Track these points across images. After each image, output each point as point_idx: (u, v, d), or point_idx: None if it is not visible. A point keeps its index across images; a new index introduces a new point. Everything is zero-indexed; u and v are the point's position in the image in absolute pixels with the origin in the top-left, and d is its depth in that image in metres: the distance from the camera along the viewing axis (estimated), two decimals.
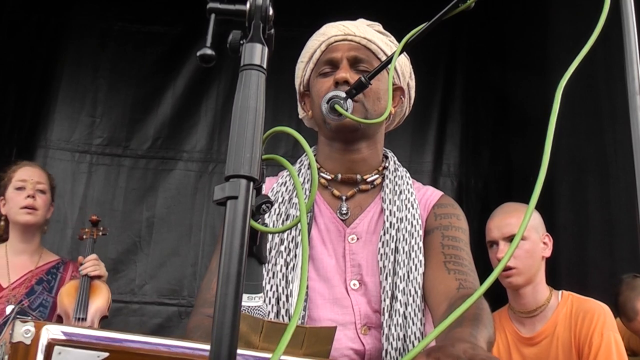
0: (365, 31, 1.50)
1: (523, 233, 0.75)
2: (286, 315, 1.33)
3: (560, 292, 2.33)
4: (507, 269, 2.25)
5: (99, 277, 2.57)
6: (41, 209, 2.58)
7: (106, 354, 0.66)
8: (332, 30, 1.51)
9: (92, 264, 2.56)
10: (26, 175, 2.60)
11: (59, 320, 2.47)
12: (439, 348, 0.90)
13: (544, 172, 0.79)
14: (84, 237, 2.79)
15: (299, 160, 1.56)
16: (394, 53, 1.34)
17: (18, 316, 0.67)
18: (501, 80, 3.85)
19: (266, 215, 1.40)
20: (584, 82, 2.77)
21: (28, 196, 2.54)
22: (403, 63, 1.54)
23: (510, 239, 2.29)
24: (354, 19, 1.56)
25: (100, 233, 2.85)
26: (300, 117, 1.64)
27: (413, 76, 1.60)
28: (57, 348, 0.64)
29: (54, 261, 2.65)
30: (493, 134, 3.92)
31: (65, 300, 2.47)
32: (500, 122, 3.89)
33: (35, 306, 2.47)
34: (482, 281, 0.99)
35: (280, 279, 1.35)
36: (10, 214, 2.56)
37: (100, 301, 2.50)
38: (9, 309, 2.36)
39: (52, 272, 2.60)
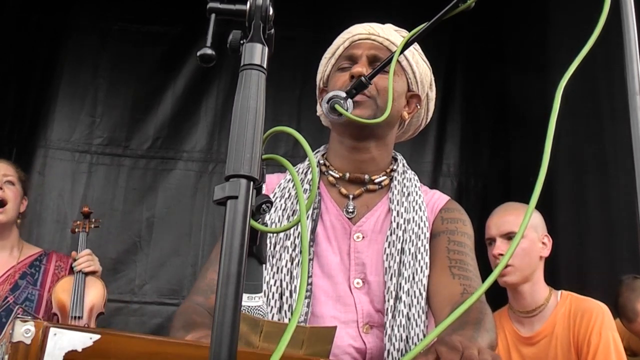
0: (390, 33, 1.50)
1: (523, 232, 0.75)
2: (289, 311, 1.33)
3: (559, 292, 2.33)
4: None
5: (93, 272, 2.52)
6: (11, 201, 2.51)
7: (98, 336, 0.70)
8: (357, 29, 1.53)
9: (86, 260, 2.52)
10: None
11: (54, 316, 2.44)
12: (437, 341, 0.91)
13: (544, 172, 0.79)
14: (76, 230, 2.74)
15: (308, 158, 1.56)
16: (394, 53, 1.34)
17: (18, 316, 0.68)
18: (501, 80, 3.85)
19: (272, 210, 1.41)
20: (584, 82, 2.77)
21: None
22: (423, 72, 1.54)
23: (507, 236, 2.30)
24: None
25: (93, 225, 2.78)
26: (317, 114, 1.63)
27: (434, 88, 1.60)
28: (52, 329, 0.68)
29: (36, 254, 2.60)
30: (493, 134, 3.92)
31: (60, 297, 2.43)
32: (500, 122, 3.88)
33: (20, 301, 2.42)
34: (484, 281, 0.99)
35: (284, 274, 1.35)
36: None
37: (95, 298, 2.47)
38: None
39: (35, 265, 2.56)
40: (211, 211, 3.67)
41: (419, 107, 1.56)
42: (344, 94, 1.37)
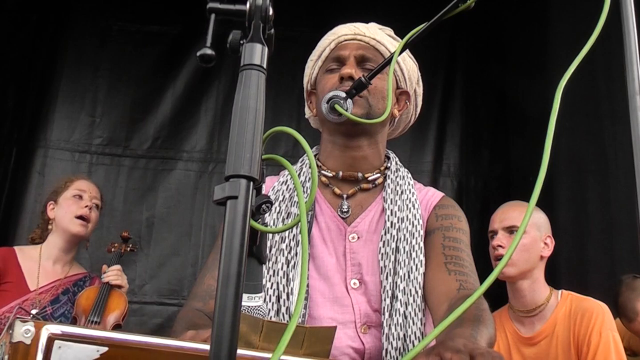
0: (375, 33, 1.50)
1: (524, 228, 0.75)
2: (286, 313, 1.33)
3: (560, 291, 2.33)
4: (500, 258, 2.28)
5: (119, 286, 2.59)
6: (92, 223, 2.62)
7: (105, 348, 0.66)
8: (343, 30, 1.52)
9: (114, 273, 2.59)
10: (85, 186, 2.65)
11: (74, 321, 2.49)
12: (439, 344, 0.91)
13: (544, 172, 0.79)
14: (112, 250, 2.83)
15: (300, 159, 1.56)
16: (394, 53, 1.34)
17: (18, 316, 0.67)
18: (501, 80, 3.85)
19: (266, 214, 1.40)
20: (584, 82, 2.77)
21: (86, 206, 2.57)
22: (411, 68, 1.54)
23: (509, 229, 2.34)
24: (355, 19, 1.56)
25: (129, 249, 2.89)
26: (306, 116, 1.64)
27: (421, 84, 1.60)
28: (57, 342, 0.65)
29: (81, 274, 2.66)
30: (493, 134, 3.92)
31: (83, 302, 2.49)
32: (500, 122, 3.89)
33: (57, 315, 2.48)
34: (481, 280, 0.99)
35: (281, 277, 1.35)
36: (63, 220, 2.57)
37: (116, 310, 2.52)
38: (33, 312, 2.39)
39: (79, 285, 2.61)
40: (211, 211, 3.67)
41: (408, 103, 1.56)
42: (343, 94, 1.37)
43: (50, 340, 0.65)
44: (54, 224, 2.59)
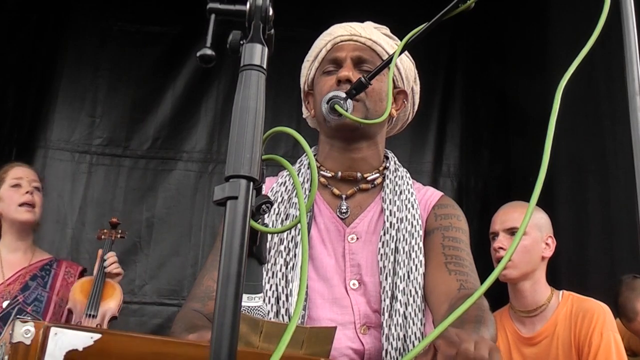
0: (372, 33, 1.50)
1: (524, 230, 0.75)
2: (286, 315, 1.33)
3: (560, 292, 2.33)
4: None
5: (118, 274, 2.61)
6: (38, 207, 2.61)
7: (99, 335, 0.69)
8: (339, 30, 1.52)
9: (115, 261, 2.61)
10: (21, 173, 2.64)
11: (69, 313, 2.51)
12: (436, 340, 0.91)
13: (544, 172, 0.79)
14: (102, 237, 2.84)
15: (298, 160, 1.56)
16: (394, 53, 1.34)
17: (18, 317, 0.68)
18: (501, 80, 3.85)
19: (265, 215, 1.40)
20: (584, 82, 2.77)
21: (27, 192, 2.57)
22: (408, 67, 1.54)
23: (510, 231, 2.33)
24: (355, 19, 1.56)
25: (119, 235, 2.89)
26: (304, 116, 1.64)
27: (418, 82, 1.59)
28: (53, 329, 0.67)
29: (46, 259, 2.67)
30: (493, 134, 3.92)
31: (78, 295, 2.51)
32: (500, 122, 3.89)
33: (30, 301, 2.49)
34: (482, 280, 0.99)
35: (280, 279, 1.35)
36: (8, 211, 2.57)
37: (112, 301, 2.54)
38: (4, 304, 2.41)
39: (46, 269, 2.62)
40: (211, 211, 3.67)
41: (405, 102, 1.55)
42: (343, 95, 1.37)
43: (47, 328, 0.67)
44: (1, 219, 2.60)
